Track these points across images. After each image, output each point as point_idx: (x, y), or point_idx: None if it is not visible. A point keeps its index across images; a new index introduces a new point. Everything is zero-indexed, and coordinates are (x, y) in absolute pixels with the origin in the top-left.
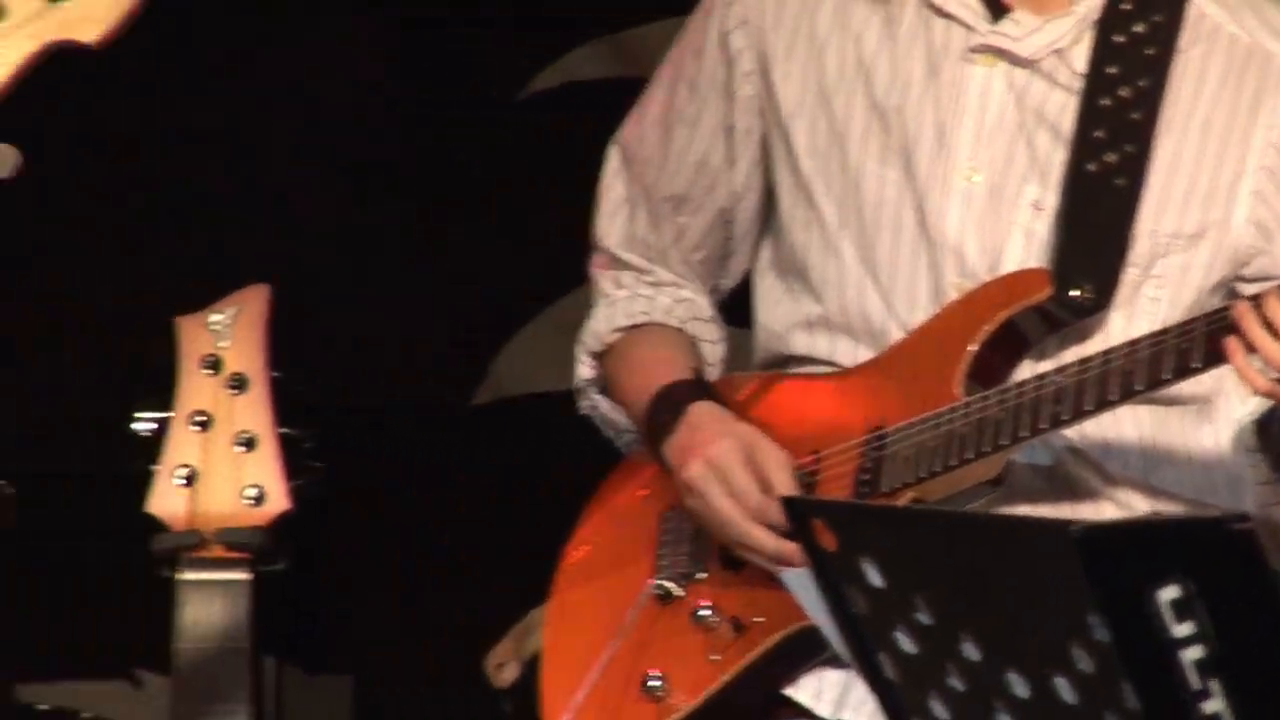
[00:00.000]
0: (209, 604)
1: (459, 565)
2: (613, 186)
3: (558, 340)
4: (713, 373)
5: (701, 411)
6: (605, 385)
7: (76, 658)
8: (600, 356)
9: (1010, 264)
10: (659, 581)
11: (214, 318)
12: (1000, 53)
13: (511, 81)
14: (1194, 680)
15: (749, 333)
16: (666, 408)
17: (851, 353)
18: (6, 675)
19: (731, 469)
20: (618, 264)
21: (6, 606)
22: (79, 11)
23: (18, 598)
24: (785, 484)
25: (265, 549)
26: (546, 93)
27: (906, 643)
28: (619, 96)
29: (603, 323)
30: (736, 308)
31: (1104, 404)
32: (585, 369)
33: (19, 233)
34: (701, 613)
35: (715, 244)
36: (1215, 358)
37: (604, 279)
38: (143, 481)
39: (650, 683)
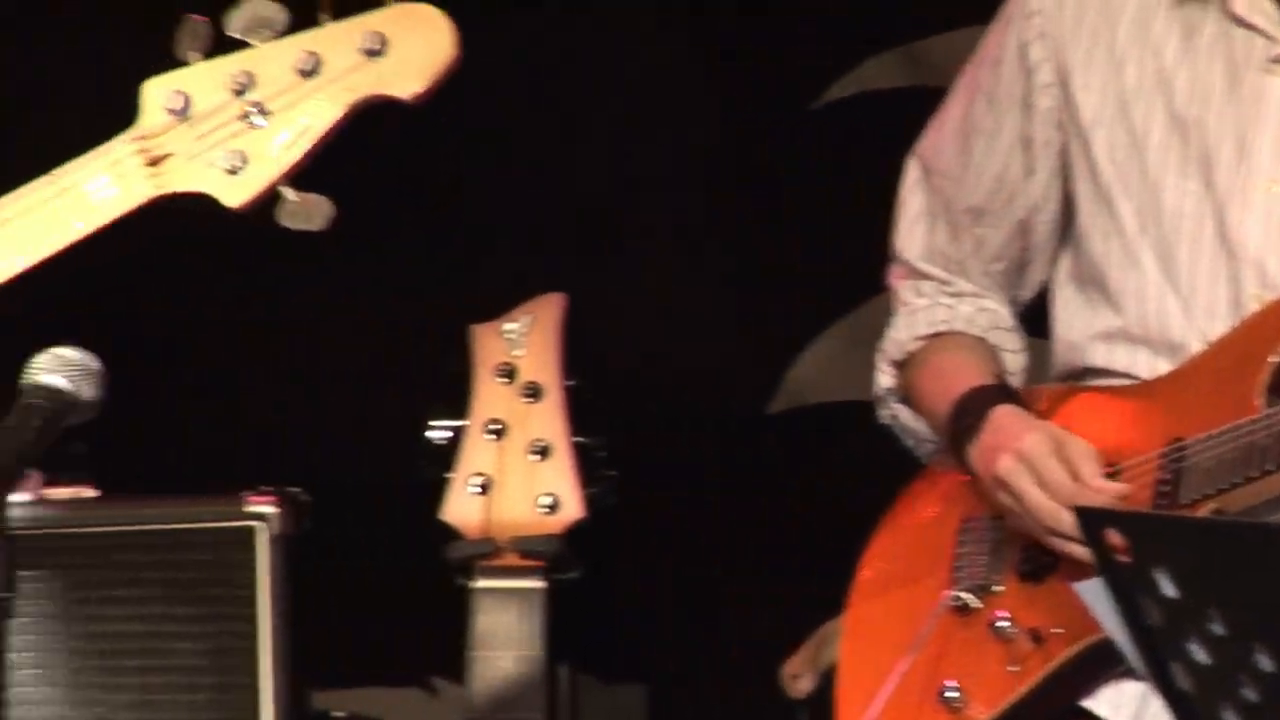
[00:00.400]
0: (503, 612)
1: (754, 574)
2: (911, 199)
3: (854, 350)
4: (1014, 381)
5: (1004, 413)
6: (905, 394)
7: (373, 665)
8: (901, 365)
9: None
10: (956, 593)
11: (509, 326)
12: None
13: (808, 91)
14: None
15: (1045, 344)
16: (970, 412)
17: (1150, 365)
18: (303, 682)
19: (1042, 460)
20: (918, 275)
21: (303, 613)
22: (396, 67)
23: (314, 605)
24: (1093, 474)
25: (559, 557)
26: (842, 102)
27: (1200, 653)
28: (913, 107)
29: (904, 331)
30: (1033, 319)
31: None
32: (886, 377)
33: (317, 241)
34: (999, 624)
35: (1013, 255)
36: None
37: (904, 289)
38: (438, 489)
39: (947, 694)
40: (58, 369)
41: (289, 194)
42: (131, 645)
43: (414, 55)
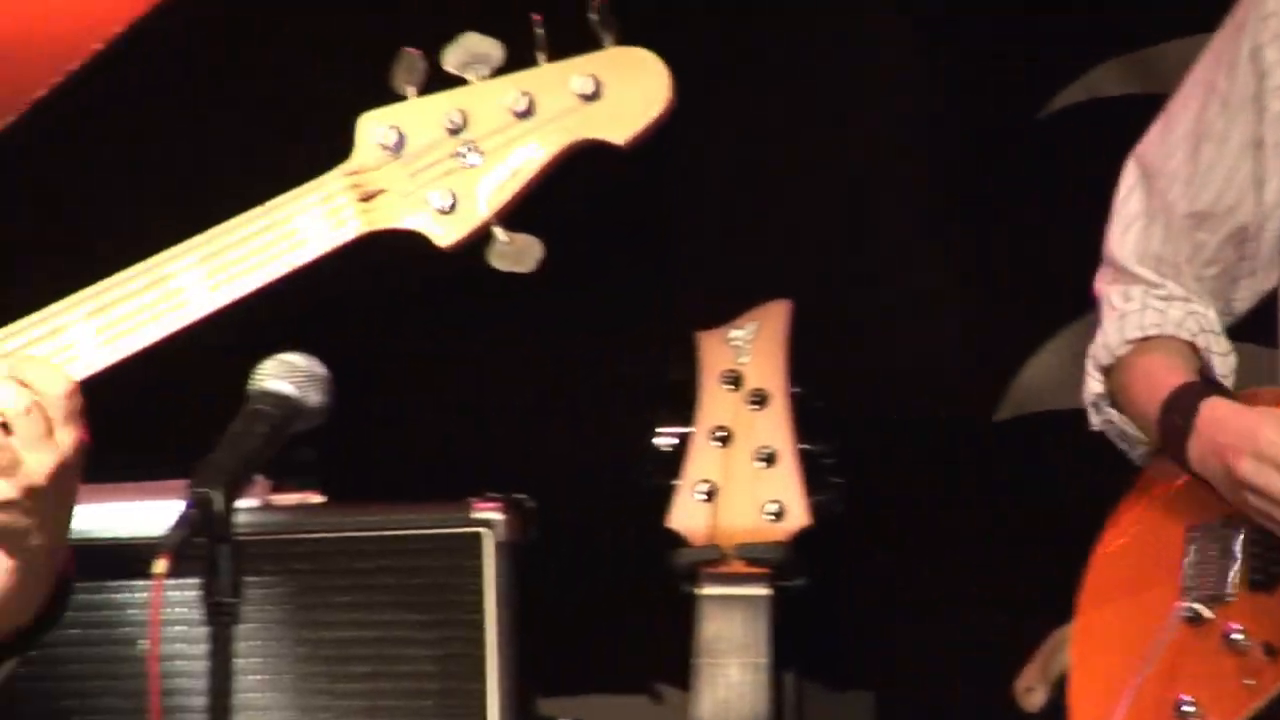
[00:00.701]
0: (729, 619)
1: (981, 582)
2: (1129, 201)
3: (1080, 357)
4: (1224, 383)
5: (1216, 406)
6: (1115, 398)
7: (598, 672)
8: (1109, 370)
9: None
10: (1189, 604)
11: (735, 333)
12: None
13: (1037, 98)
14: None
15: (1266, 352)
16: (1179, 409)
17: None
18: (529, 688)
19: None
20: (1126, 277)
21: (530, 620)
22: (611, 112)
23: (541, 611)
24: None
25: (785, 564)
26: (1070, 109)
27: None
28: (1141, 113)
29: (1113, 335)
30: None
31: None
32: (1095, 383)
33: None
34: (1233, 636)
35: (1228, 261)
36: None
37: (1113, 293)
38: (664, 497)
39: (1184, 708)
40: (285, 375)
41: (500, 234)
42: (358, 651)
43: (629, 101)
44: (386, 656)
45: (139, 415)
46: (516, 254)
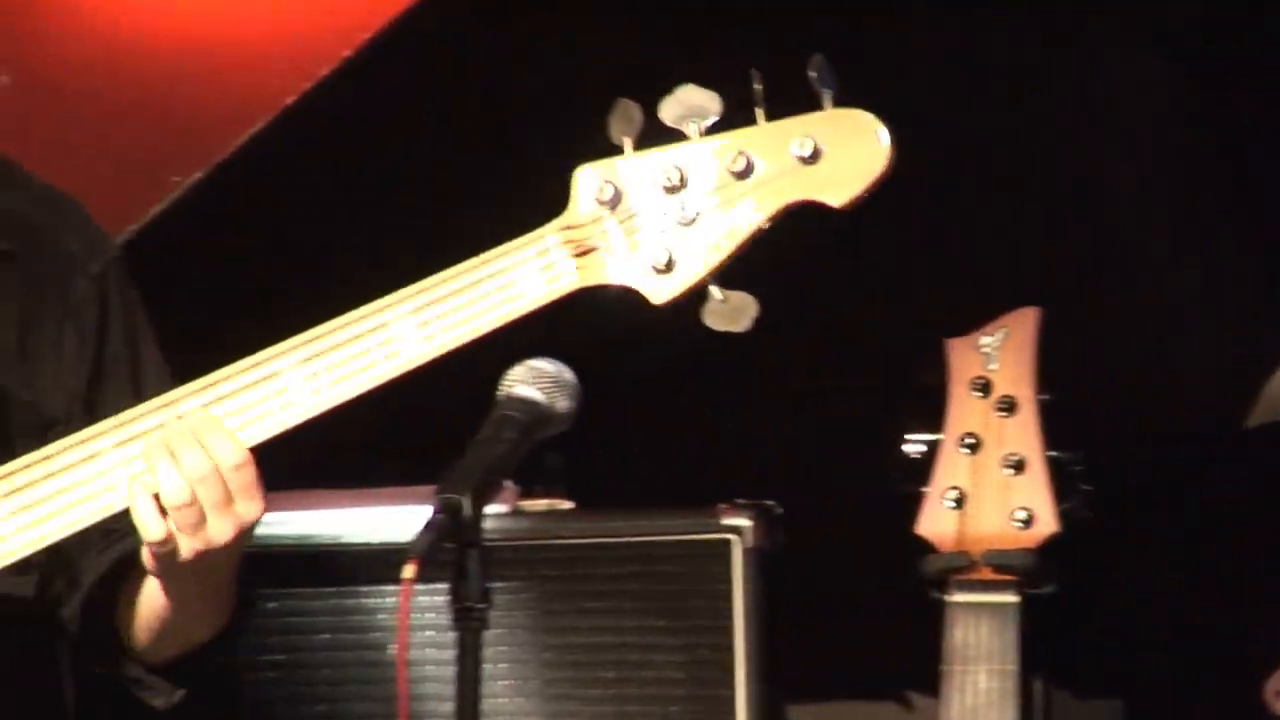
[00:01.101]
0: (977, 625)
1: (1231, 588)
2: None
3: None
4: None
5: None
6: None
7: (846, 678)
8: None
9: None
10: None
11: (984, 340)
12: None
13: None
14: None
15: None
16: None
17: None
18: (778, 695)
19: None
20: None
21: (777, 626)
22: (829, 174)
23: (789, 617)
24: None
25: (1034, 571)
26: None
27: None
28: None
29: None
30: None
31: None
32: None
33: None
34: None
35: None
36: None
37: None
38: (911, 503)
39: None
40: (532, 381)
41: (715, 293)
42: (606, 656)
43: (848, 164)
44: (633, 662)
45: (389, 421)
46: (731, 312)
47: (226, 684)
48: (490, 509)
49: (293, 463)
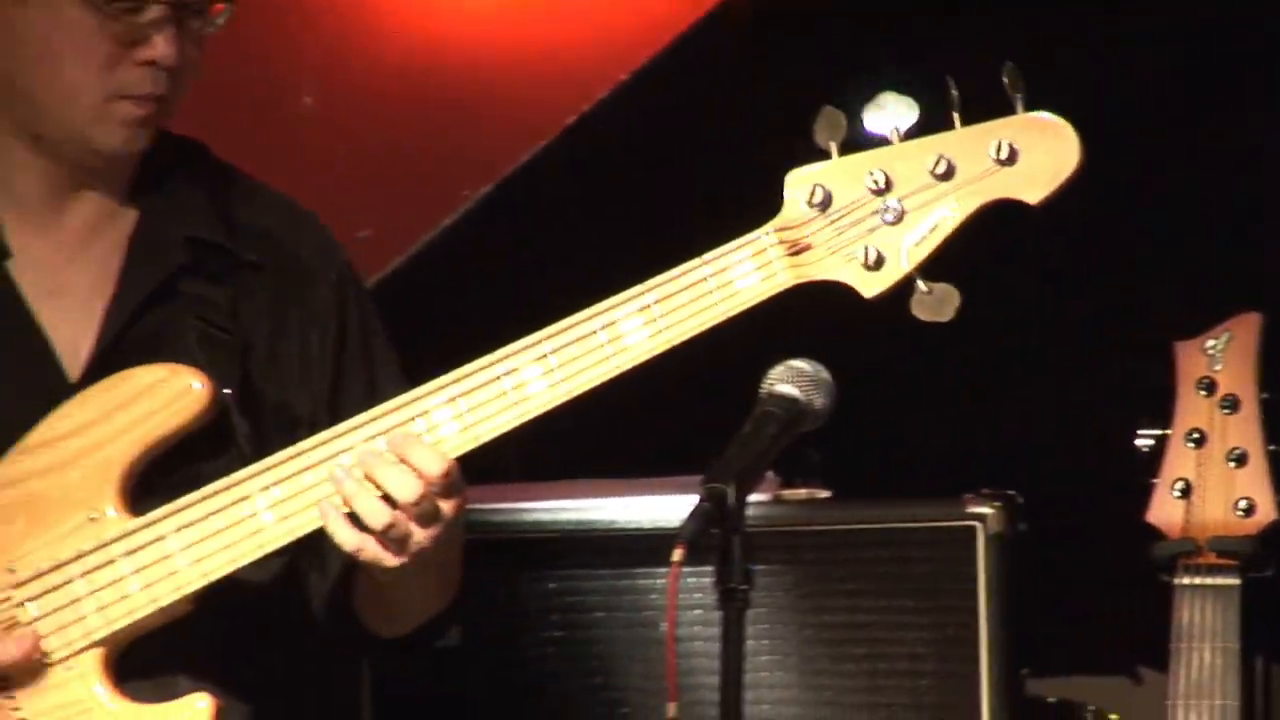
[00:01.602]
0: (1202, 606)
1: None
2: None
3: None
4: None
5: None
6: None
7: (1081, 654)
8: None
9: None
10: None
11: (1210, 343)
12: None
13: None
14: None
15: None
16: None
17: None
18: (1018, 670)
19: None
20: None
21: (1018, 606)
22: (1024, 174)
23: (1028, 599)
24: None
25: (1255, 556)
26: None
27: None
28: None
29: None
30: None
31: None
32: None
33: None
34: None
35: None
36: None
37: None
38: (1140, 493)
39: None
40: (791, 380)
41: (921, 286)
42: (858, 634)
43: (1042, 165)
44: (884, 639)
45: (660, 417)
46: (936, 303)
47: (511, 657)
48: (753, 498)
49: (572, 454)
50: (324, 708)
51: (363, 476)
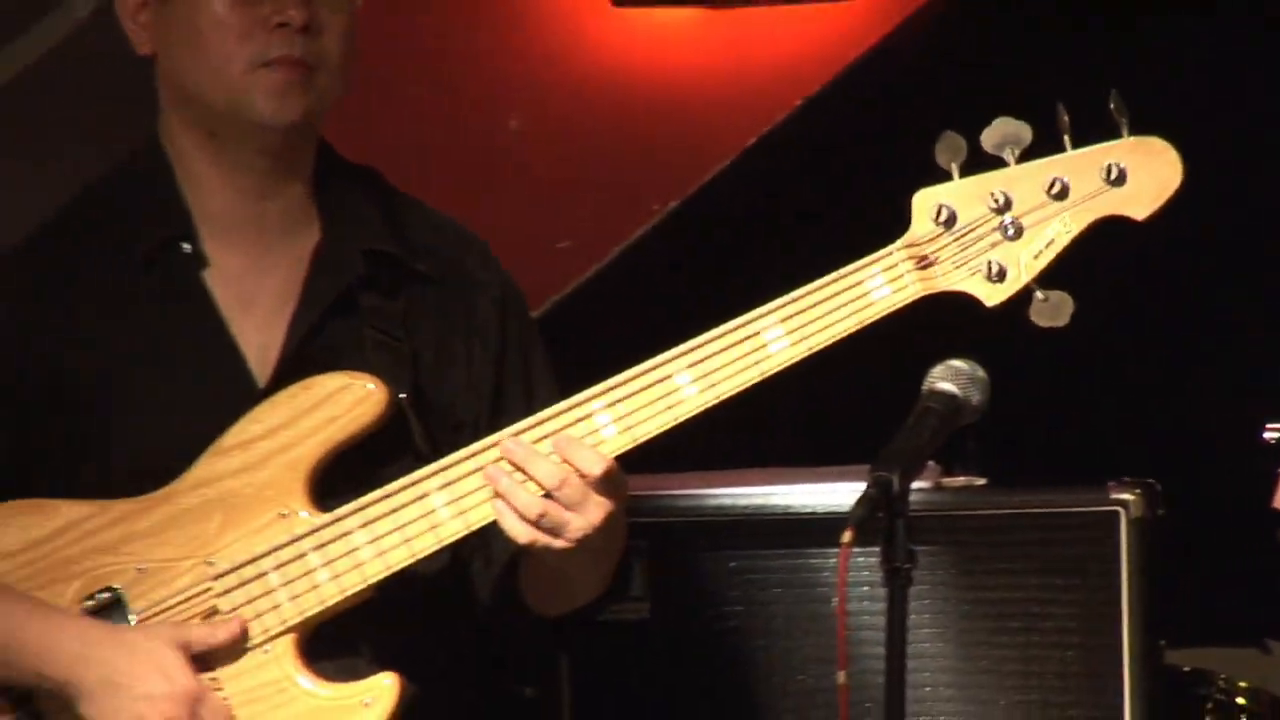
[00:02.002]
0: None
1: None
2: None
3: None
4: None
5: None
6: None
7: (1215, 627)
8: None
9: None
10: None
11: None
12: None
13: None
14: None
15: None
16: None
17: None
18: (1156, 642)
19: None
20: None
21: (1157, 584)
22: (1132, 193)
23: (1165, 576)
24: None
25: None
26: None
27: None
28: None
29: None
30: None
31: None
32: None
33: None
34: None
35: None
36: None
37: None
38: (1270, 481)
39: None
40: (950, 378)
41: (1039, 295)
42: (1011, 610)
43: (1148, 184)
44: (1035, 614)
45: (833, 412)
46: (1053, 310)
47: (695, 630)
48: (915, 485)
49: (753, 445)
50: (507, 684)
51: (513, 471)
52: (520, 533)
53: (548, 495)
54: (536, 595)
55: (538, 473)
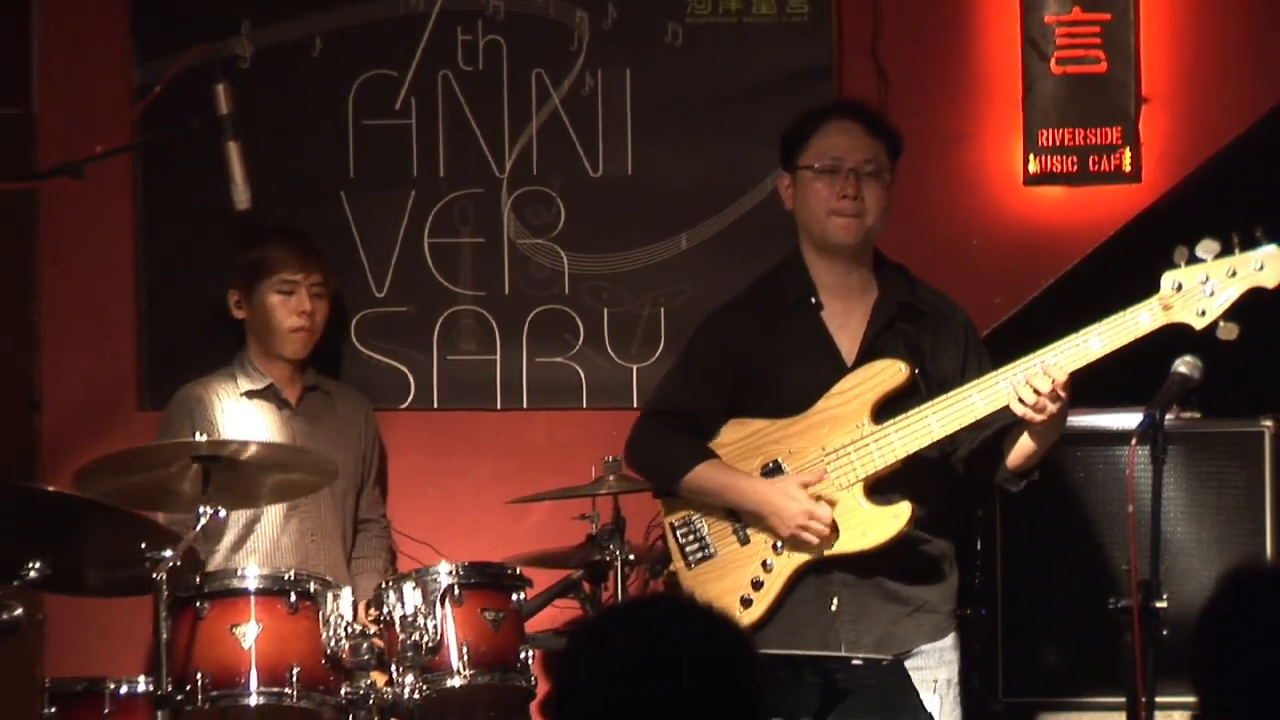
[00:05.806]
0: None
1: None
2: None
3: None
4: None
5: None
6: None
7: None
8: None
9: None
10: None
11: None
12: None
13: None
14: None
15: None
16: None
17: None
18: None
19: None
20: None
21: None
22: (1267, 275)
23: None
24: None
25: None
26: None
27: None
28: None
29: None
30: None
31: None
32: None
33: None
34: None
35: None
36: None
37: None
38: None
39: None
40: (1185, 365)
41: (1222, 325)
42: (1210, 483)
43: (1276, 271)
44: (1227, 506)
45: (1130, 377)
46: (1229, 333)
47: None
48: (1168, 417)
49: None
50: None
51: (1023, 380)
52: (1021, 411)
53: (1036, 394)
54: (1014, 453)
55: (1035, 380)
